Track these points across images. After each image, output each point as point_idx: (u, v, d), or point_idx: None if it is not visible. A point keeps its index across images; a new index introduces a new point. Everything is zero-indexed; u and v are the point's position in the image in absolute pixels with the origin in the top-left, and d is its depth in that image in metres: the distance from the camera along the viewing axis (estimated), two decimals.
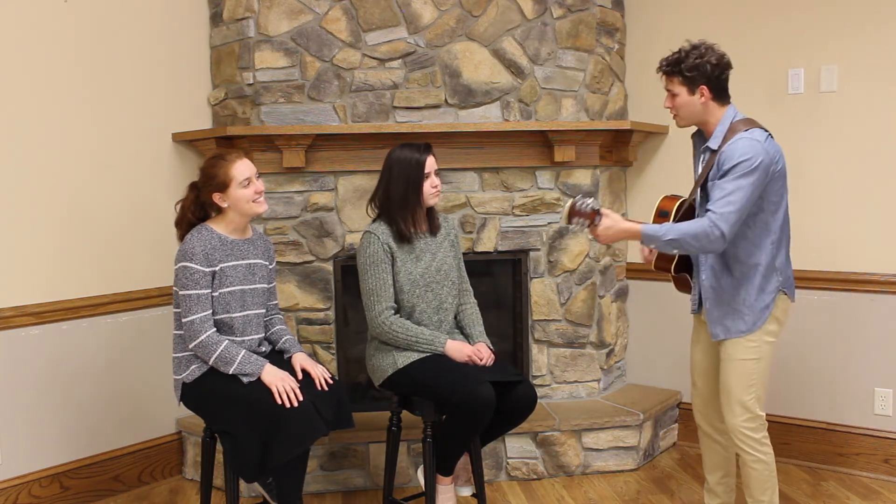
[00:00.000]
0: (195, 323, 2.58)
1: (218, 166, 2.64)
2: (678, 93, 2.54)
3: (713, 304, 2.58)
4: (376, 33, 3.52)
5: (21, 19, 3.06)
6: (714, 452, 2.83)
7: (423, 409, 2.79)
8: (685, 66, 2.49)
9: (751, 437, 2.59)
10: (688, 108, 2.55)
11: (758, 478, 2.63)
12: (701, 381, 2.78)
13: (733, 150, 2.43)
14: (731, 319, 2.56)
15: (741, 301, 2.54)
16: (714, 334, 2.60)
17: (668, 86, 2.56)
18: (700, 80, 2.49)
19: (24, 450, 3.13)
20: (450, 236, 2.98)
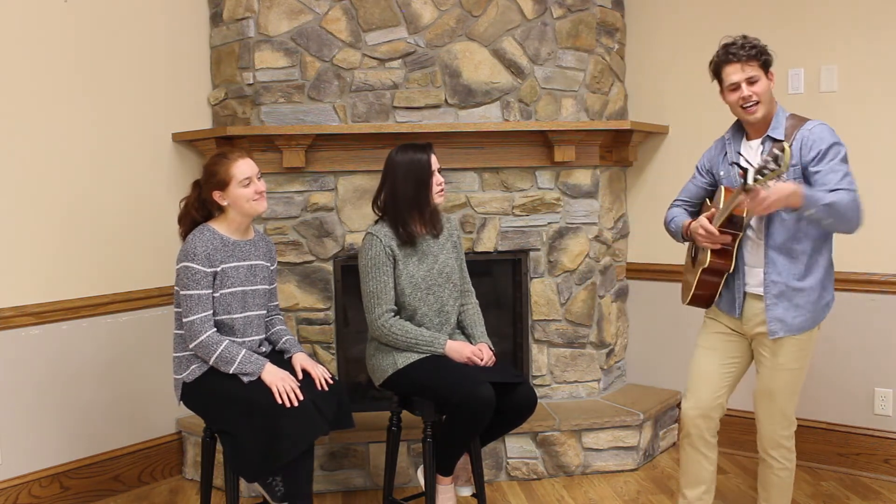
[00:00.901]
0: (196, 323, 2.58)
1: (219, 164, 2.65)
2: (759, 76, 2.44)
3: (775, 300, 2.47)
4: (376, 33, 3.52)
5: (21, 19, 3.06)
6: (699, 466, 2.67)
7: (423, 409, 2.79)
8: (764, 50, 2.44)
9: (784, 447, 2.55)
10: (767, 95, 2.46)
11: (780, 484, 2.59)
12: (706, 390, 2.62)
13: (819, 132, 2.40)
14: (793, 314, 2.47)
15: (806, 297, 2.47)
16: (772, 332, 2.48)
17: (750, 71, 2.43)
18: (770, 64, 2.46)
19: (24, 450, 3.13)
20: (452, 237, 2.98)
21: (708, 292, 2.61)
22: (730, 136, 2.64)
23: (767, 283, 2.48)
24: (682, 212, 2.78)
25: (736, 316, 2.58)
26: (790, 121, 2.49)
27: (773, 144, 2.42)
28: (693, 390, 2.65)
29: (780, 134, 2.46)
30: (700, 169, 2.75)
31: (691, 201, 2.79)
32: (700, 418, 2.63)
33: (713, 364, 2.64)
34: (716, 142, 2.72)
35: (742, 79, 2.44)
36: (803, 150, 2.41)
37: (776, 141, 2.45)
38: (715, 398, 2.62)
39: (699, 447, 2.65)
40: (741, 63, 2.44)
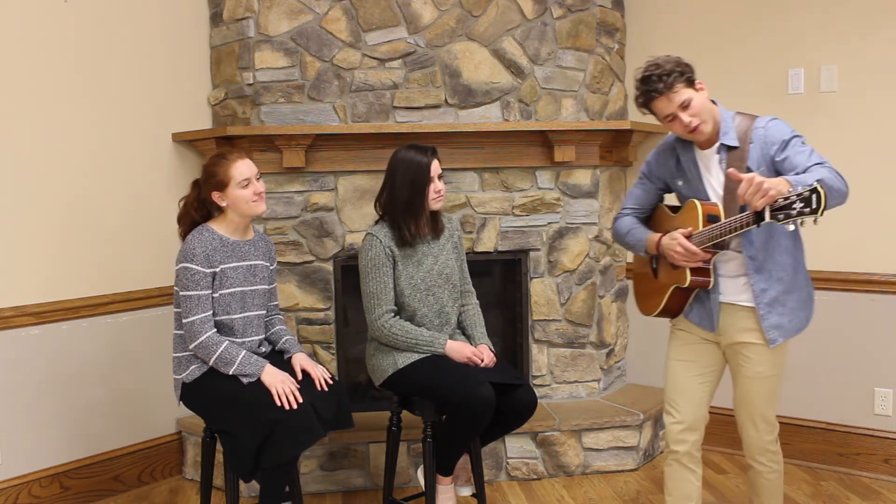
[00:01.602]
0: (195, 324, 2.58)
1: (218, 165, 2.65)
2: (690, 97, 2.31)
3: (769, 308, 2.38)
4: (376, 33, 3.52)
5: (21, 19, 3.06)
6: (687, 482, 2.57)
7: (423, 409, 2.79)
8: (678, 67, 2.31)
9: (770, 451, 2.51)
10: (705, 108, 2.33)
11: (770, 487, 2.56)
12: (688, 404, 2.53)
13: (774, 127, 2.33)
14: (789, 319, 2.39)
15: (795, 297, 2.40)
16: (772, 340, 2.38)
17: (677, 98, 2.30)
18: (693, 74, 2.33)
19: (24, 450, 3.13)
20: (452, 238, 2.98)
21: (678, 305, 2.53)
22: (680, 145, 2.49)
23: (757, 292, 2.38)
24: (636, 222, 2.63)
25: (712, 330, 2.48)
26: (739, 121, 2.39)
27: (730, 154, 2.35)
28: (675, 406, 2.54)
29: (733, 139, 2.35)
30: (648, 175, 2.61)
31: (642, 208, 2.65)
32: (686, 433, 2.53)
33: (691, 376, 2.54)
34: (660, 147, 2.58)
35: (674, 109, 2.31)
36: (764, 148, 2.33)
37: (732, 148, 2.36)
38: (698, 410, 2.54)
39: (686, 463, 2.55)
40: (666, 95, 2.30)
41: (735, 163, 2.34)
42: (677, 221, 2.48)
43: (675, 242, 2.38)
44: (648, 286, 2.64)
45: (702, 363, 2.54)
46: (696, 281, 2.41)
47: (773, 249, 2.38)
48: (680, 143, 2.50)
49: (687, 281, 2.41)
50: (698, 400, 2.53)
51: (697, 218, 2.37)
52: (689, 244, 2.35)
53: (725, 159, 2.38)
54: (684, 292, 2.49)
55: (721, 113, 2.39)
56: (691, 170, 2.46)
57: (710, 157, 2.42)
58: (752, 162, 2.33)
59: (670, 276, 2.49)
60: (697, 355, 2.54)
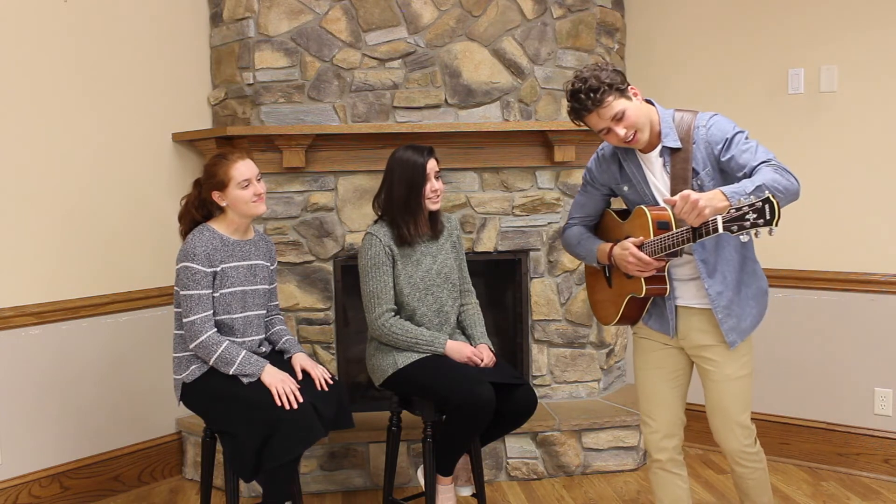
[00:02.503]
0: (196, 323, 2.58)
1: (218, 165, 2.65)
2: (623, 108, 2.24)
3: (726, 311, 2.34)
4: (376, 33, 3.52)
5: (21, 19, 3.06)
6: (674, 487, 2.55)
7: (423, 409, 2.79)
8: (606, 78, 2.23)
9: (749, 453, 2.46)
10: (641, 117, 2.27)
11: (756, 485, 2.52)
12: (662, 412, 2.50)
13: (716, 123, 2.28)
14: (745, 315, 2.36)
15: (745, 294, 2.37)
16: (732, 342, 2.35)
17: (609, 112, 2.24)
18: (624, 82, 2.26)
19: (24, 450, 3.13)
20: (452, 237, 2.98)
21: (636, 313, 2.48)
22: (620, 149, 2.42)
23: (713, 296, 2.33)
24: (585, 231, 2.59)
25: (670, 335, 2.43)
26: (679, 120, 2.32)
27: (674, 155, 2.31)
28: (651, 415, 2.52)
29: (675, 141, 2.30)
30: (592, 182, 2.54)
31: (590, 216, 2.60)
32: (665, 440, 2.51)
33: (662, 383, 2.50)
34: (601, 153, 2.51)
35: (608, 123, 2.26)
36: (708, 148, 2.28)
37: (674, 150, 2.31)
38: (674, 416, 2.51)
39: (671, 469, 2.54)
40: (596, 111, 2.25)
41: (679, 164, 2.29)
42: (626, 228, 2.42)
43: (628, 252, 2.32)
44: (604, 295, 2.58)
45: (668, 368, 2.49)
46: (652, 290, 2.36)
47: (722, 248, 2.33)
48: (621, 149, 2.43)
49: (643, 291, 2.36)
50: (671, 405, 2.50)
51: (647, 225, 2.31)
52: (642, 254, 2.30)
53: (669, 161, 2.32)
54: (641, 300, 2.44)
55: (660, 113, 2.34)
56: (635, 174, 2.40)
57: (654, 161, 2.36)
58: (697, 163, 2.29)
59: (625, 286, 2.44)
60: (663, 361, 2.49)
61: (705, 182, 2.30)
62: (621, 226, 2.47)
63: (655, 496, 2.61)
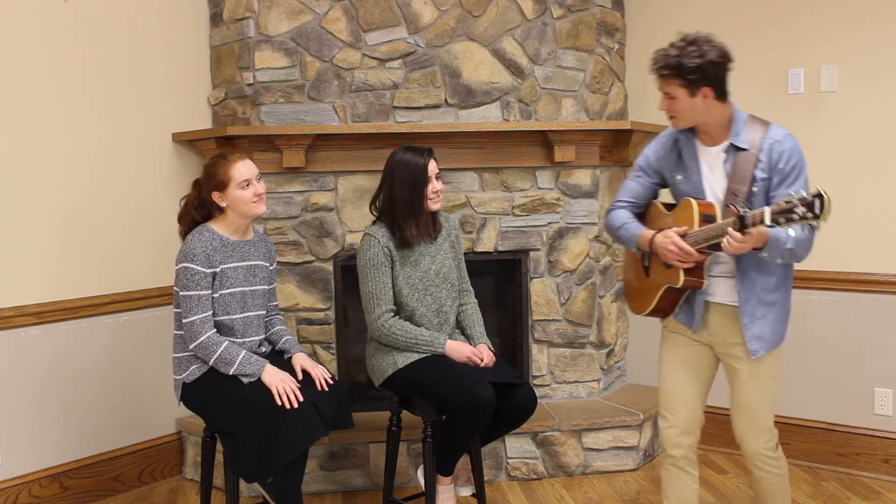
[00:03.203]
0: (195, 324, 2.58)
1: (218, 165, 2.65)
2: (677, 96, 2.27)
3: (752, 318, 2.35)
4: (376, 33, 3.52)
5: (21, 19, 3.06)
6: (684, 486, 2.54)
7: (423, 409, 2.79)
8: (685, 68, 2.22)
9: (770, 457, 2.46)
10: (688, 112, 2.30)
11: (774, 490, 2.52)
12: (682, 408, 2.49)
13: (788, 148, 2.27)
14: (771, 329, 2.36)
15: (778, 309, 2.37)
16: (753, 352, 2.35)
17: (666, 88, 2.29)
18: (702, 83, 2.24)
19: (24, 450, 3.13)
20: (450, 237, 2.98)
21: (669, 305, 2.48)
22: (684, 137, 2.43)
23: (742, 300, 2.35)
24: (630, 216, 2.56)
25: (693, 330, 2.45)
26: (751, 125, 2.33)
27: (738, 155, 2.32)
28: (670, 410, 2.51)
29: (745, 142, 2.30)
30: (646, 169, 2.54)
31: (637, 202, 2.58)
32: (682, 436, 2.51)
33: (684, 380, 2.50)
34: (661, 140, 2.51)
35: (660, 91, 2.32)
36: (771, 161, 2.28)
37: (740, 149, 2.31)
38: (693, 414, 2.50)
39: (684, 466, 2.53)
40: (656, 77, 2.31)
41: (741, 165, 2.30)
42: (671, 219, 2.42)
43: (670, 241, 2.31)
44: (639, 284, 2.58)
45: (694, 365, 2.50)
46: (690, 281, 2.35)
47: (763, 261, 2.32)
48: (683, 137, 2.43)
49: (680, 281, 2.35)
50: (692, 403, 2.50)
51: (692, 217, 2.31)
52: (684, 244, 2.29)
53: (731, 160, 2.32)
54: (676, 292, 2.43)
55: (734, 114, 2.35)
56: (692, 166, 2.40)
57: (715, 156, 2.37)
58: (762, 171, 2.29)
59: (663, 276, 2.45)
60: (689, 357, 2.50)
61: (760, 191, 2.30)
62: (666, 216, 2.46)
63: (664, 492, 2.59)
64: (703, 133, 2.37)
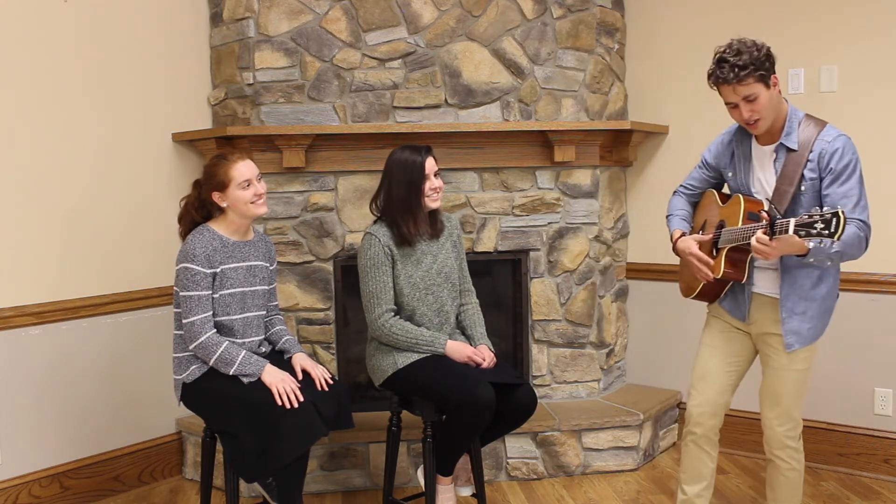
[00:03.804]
0: (196, 324, 2.58)
1: (219, 166, 2.65)
2: (758, 93, 2.26)
3: (791, 312, 2.41)
4: (376, 33, 3.52)
5: (21, 19, 3.06)
6: (701, 463, 2.64)
7: (423, 409, 2.79)
8: (758, 60, 2.24)
9: (791, 447, 2.52)
10: (769, 107, 2.30)
11: (788, 486, 2.56)
12: (711, 389, 2.58)
13: (840, 147, 2.29)
14: (809, 326, 2.43)
15: (818, 307, 2.43)
16: (788, 345, 2.42)
17: (745, 91, 2.26)
18: (772, 70, 2.28)
19: (24, 450, 3.13)
20: (452, 237, 2.98)
21: (713, 292, 2.58)
22: (738, 135, 2.51)
23: (783, 294, 2.42)
24: (683, 204, 2.69)
25: (742, 320, 2.53)
26: (806, 125, 2.36)
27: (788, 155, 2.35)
28: (699, 388, 2.60)
29: (794, 142, 2.34)
30: (706, 164, 2.65)
31: (696, 189, 2.70)
32: (707, 416, 2.59)
33: (718, 363, 2.59)
34: (722, 136, 2.60)
35: (738, 100, 2.30)
36: (821, 162, 2.31)
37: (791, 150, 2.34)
38: (721, 395, 2.59)
39: (703, 445, 2.62)
40: (732, 85, 2.27)
41: (791, 165, 2.33)
42: (722, 212, 2.51)
43: (688, 251, 2.48)
44: (688, 269, 2.63)
45: (730, 351, 2.59)
46: (728, 274, 2.43)
47: None
48: (738, 134, 2.51)
49: (720, 273, 2.43)
50: (721, 386, 2.59)
51: (738, 213, 2.39)
52: (701, 254, 2.44)
53: (782, 159, 2.36)
54: (718, 282, 2.51)
55: (789, 112, 2.38)
56: (742, 163, 2.47)
57: (766, 155, 2.42)
58: (808, 170, 2.32)
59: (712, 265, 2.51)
60: (727, 343, 2.59)
61: (808, 191, 2.34)
62: (719, 208, 2.54)
63: (681, 465, 2.70)
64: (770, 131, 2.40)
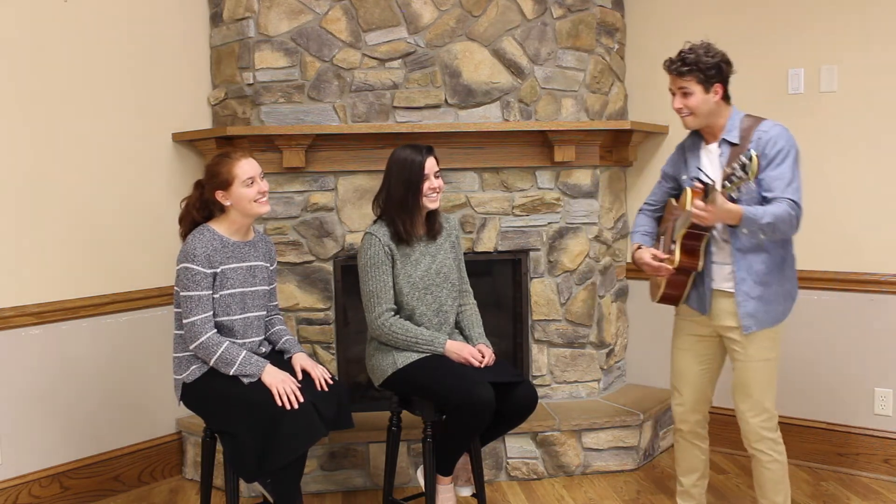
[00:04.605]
0: (196, 324, 2.58)
1: (222, 164, 2.65)
2: (693, 91, 2.51)
3: (746, 297, 2.54)
4: (376, 33, 3.52)
5: (21, 19, 3.06)
6: (693, 456, 2.85)
7: (423, 409, 2.79)
8: (704, 63, 2.48)
9: (768, 438, 2.62)
10: (703, 108, 2.53)
11: (772, 478, 2.65)
12: (688, 389, 2.78)
13: (774, 135, 2.47)
14: (765, 309, 2.55)
15: (773, 290, 2.55)
16: (746, 327, 2.55)
17: (682, 84, 2.52)
18: (716, 78, 2.51)
19: (24, 450, 3.13)
20: (451, 237, 2.98)
21: (678, 292, 2.68)
22: (690, 141, 2.71)
23: (738, 280, 2.55)
24: (645, 221, 2.87)
25: (704, 313, 2.65)
26: (746, 122, 2.56)
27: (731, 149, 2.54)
28: (678, 389, 2.81)
29: (735, 137, 2.53)
30: (665, 174, 2.82)
31: (658, 204, 2.86)
32: (689, 413, 2.80)
33: (690, 364, 2.76)
34: (677, 147, 2.79)
35: (675, 89, 2.56)
36: (759, 149, 2.47)
37: (733, 145, 2.54)
38: (699, 394, 2.78)
39: (691, 440, 2.83)
40: (674, 76, 2.54)
41: (734, 158, 2.49)
42: (676, 211, 2.67)
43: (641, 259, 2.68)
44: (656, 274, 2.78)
45: (699, 352, 2.74)
46: (685, 262, 2.58)
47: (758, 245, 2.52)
48: (689, 140, 2.72)
49: (676, 262, 2.58)
50: (699, 385, 2.77)
51: (686, 202, 2.53)
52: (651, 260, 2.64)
53: (726, 154, 2.55)
54: (682, 277, 2.64)
55: (732, 113, 2.59)
56: (692, 164, 2.66)
57: (713, 152, 2.62)
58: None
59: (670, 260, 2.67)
60: (695, 345, 2.74)
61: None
62: (675, 209, 2.72)
63: (675, 461, 2.92)
64: (707, 134, 2.64)
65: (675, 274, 2.63)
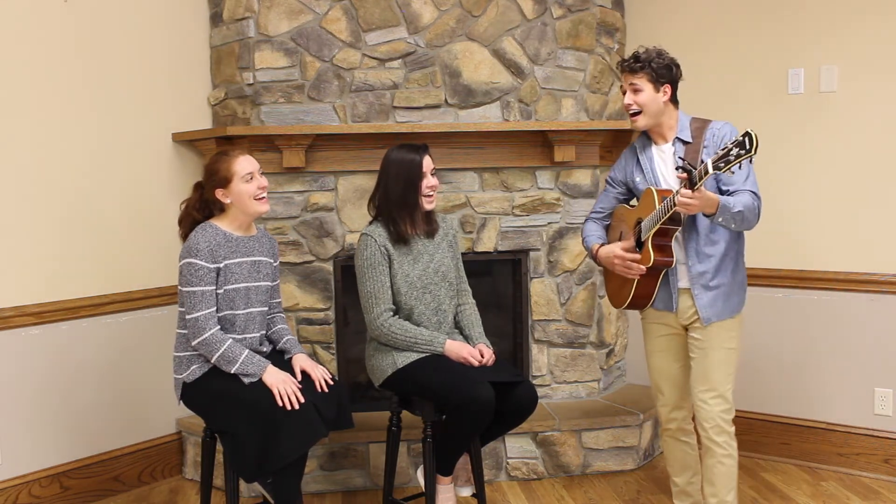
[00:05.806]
0: (199, 320, 2.58)
1: (220, 162, 2.65)
2: (643, 88, 2.58)
3: (702, 290, 2.61)
4: (376, 33, 3.52)
5: (21, 19, 3.06)
6: (683, 454, 2.88)
7: (423, 409, 2.79)
8: (655, 62, 2.57)
9: (726, 431, 2.64)
10: (652, 106, 2.60)
11: (726, 474, 2.67)
12: (668, 386, 2.82)
13: (728, 132, 2.58)
14: (722, 301, 2.62)
15: (729, 282, 2.62)
16: (706, 319, 2.61)
17: (633, 80, 2.59)
18: (666, 78, 2.59)
19: (24, 450, 3.13)
20: (448, 237, 2.98)
21: (647, 291, 2.69)
22: (640, 144, 2.76)
23: (693, 275, 2.61)
24: (595, 228, 2.88)
25: (672, 311, 2.68)
26: (696, 122, 2.65)
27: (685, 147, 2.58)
28: (660, 390, 2.85)
29: (688, 136, 2.61)
30: (613, 181, 2.85)
31: (606, 211, 2.89)
32: (674, 412, 2.84)
33: (669, 364, 2.80)
34: (624, 153, 2.83)
35: (626, 86, 2.63)
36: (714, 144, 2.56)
37: (686, 143, 2.60)
38: (681, 391, 2.81)
39: (679, 437, 2.87)
40: (626, 73, 2.62)
41: (690, 154, 2.57)
42: (637, 212, 2.69)
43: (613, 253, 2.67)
44: (617, 280, 2.80)
45: (673, 350, 2.78)
46: (659, 260, 2.57)
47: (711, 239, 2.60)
48: (640, 143, 2.76)
49: (651, 261, 2.57)
50: (678, 383, 2.81)
51: (653, 200, 2.55)
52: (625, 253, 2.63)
53: (681, 152, 2.62)
54: (651, 277, 2.65)
55: (680, 117, 2.67)
56: (647, 164, 2.71)
57: (667, 152, 2.68)
58: (707, 155, 2.55)
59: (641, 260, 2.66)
60: (668, 344, 2.78)
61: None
62: (633, 212, 2.74)
63: (666, 459, 2.95)
64: (656, 135, 2.70)
65: (645, 274, 2.63)
